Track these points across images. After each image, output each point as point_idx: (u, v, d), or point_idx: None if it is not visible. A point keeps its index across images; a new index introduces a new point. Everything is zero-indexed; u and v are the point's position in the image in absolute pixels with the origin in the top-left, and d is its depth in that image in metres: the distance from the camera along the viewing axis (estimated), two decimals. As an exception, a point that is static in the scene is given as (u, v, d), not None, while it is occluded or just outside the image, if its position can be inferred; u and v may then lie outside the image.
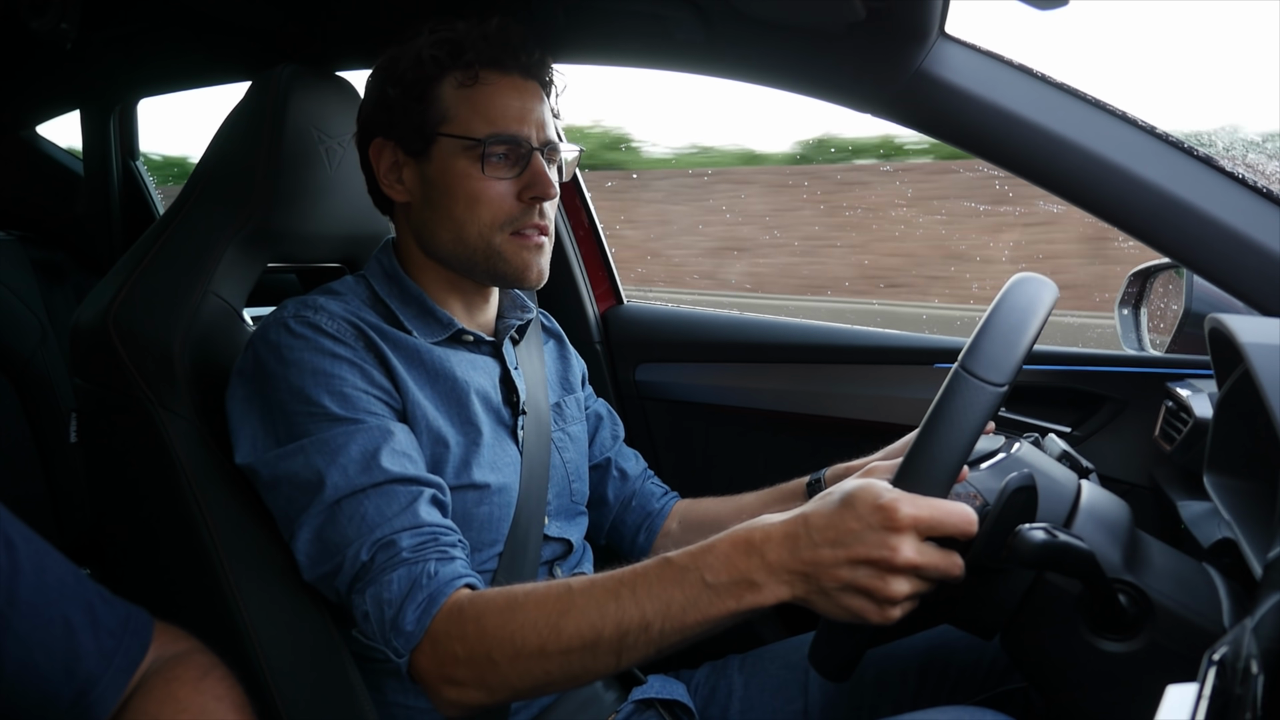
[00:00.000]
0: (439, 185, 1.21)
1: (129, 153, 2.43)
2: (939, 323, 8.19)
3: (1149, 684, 0.73)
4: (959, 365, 0.93)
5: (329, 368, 1.11)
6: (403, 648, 1.00)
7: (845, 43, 1.28)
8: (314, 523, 1.07)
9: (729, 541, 0.92)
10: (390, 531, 1.04)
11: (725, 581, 0.91)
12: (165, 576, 1.26)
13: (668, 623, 0.92)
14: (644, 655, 0.95)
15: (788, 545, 0.90)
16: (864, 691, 1.36)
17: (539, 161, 1.21)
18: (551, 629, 0.95)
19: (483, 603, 0.99)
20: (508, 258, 1.22)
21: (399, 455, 1.10)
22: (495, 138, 1.19)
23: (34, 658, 0.79)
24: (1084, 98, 1.23)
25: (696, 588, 0.91)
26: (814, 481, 1.40)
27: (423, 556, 1.03)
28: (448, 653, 0.99)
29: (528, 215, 1.21)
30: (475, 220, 1.20)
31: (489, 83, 1.21)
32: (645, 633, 0.93)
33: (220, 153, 1.34)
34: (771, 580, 0.90)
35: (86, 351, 1.24)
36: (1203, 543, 1.14)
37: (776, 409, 1.85)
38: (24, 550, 0.81)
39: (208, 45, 1.90)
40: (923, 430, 0.93)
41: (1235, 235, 1.14)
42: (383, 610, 1.02)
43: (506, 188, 1.20)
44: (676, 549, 1.47)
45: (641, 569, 0.95)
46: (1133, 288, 1.83)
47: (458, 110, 1.20)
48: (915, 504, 0.86)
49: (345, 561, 1.05)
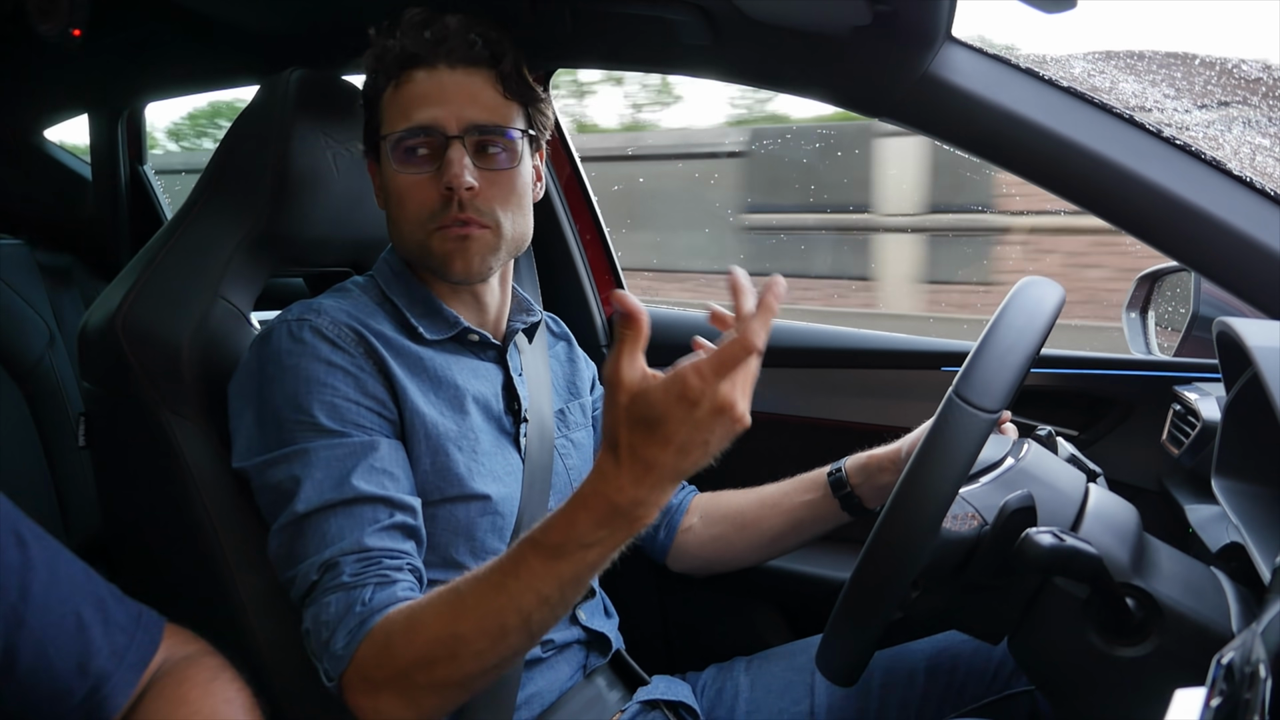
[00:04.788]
0: (385, 190, 1.24)
1: (137, 157, 2.44)
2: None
3: (1157, 688, 0.73)
4: (952, 392, 0.93)
5: (324, 376, 1.12)
6: (332, 671, 1.01)
7: (851, 46, 1.28)
8: (285, 532, 1.08)
9: (574, 507, 0.90)
10: (338, 553, 1.05)
11: (602, 535, 0.90)
12: (172, 580, 1.26)
13: (566, 589, 0.93)
14: (556, 620, 0.97)
15: (615, 469, 0.87)
16: (870, 693, 1.36)
17: (454, 149, 1.18)
18: (453, 637, 0.96)
19: (388, 624, 1.00)
20: (434, 252, 1.20)
21: (376, 473, 1.10)
22: (406, 132, 1.18)
23: (47, 653, 0.80)
24: (1091, 101, 1.23)
25: (577, 552, 0.91)
26: (834, 472, 1.41)
27: (362, 581, 1.03)
28: (367, 678, 1.00)
29: (445, 209, 1.18)
30: (404, 219, 1.21)
31: (413, 81, 1.20)
32: (546, 605, 0.94)
33: (228, 157, 1.34)
34: (629, 499, 0.87)
35: (94, 355, 1.25)
36: (1211, 547, 1.14)
37: (784, 412, 1.85)
38: (36, 548, 0.81)
39: (215, 49, 1.91)
40: (916, 457, 0.93)
41: (1243, 238, 1.14)
42: (320, 631, 1.03)
43: (427, 182, 1.19)
44: (700, 546, 1.46)
45: (518, 554, 0.93)
46: (1140, 291, 1.83)
47: (388, 113, 1.22)
48: (692, 366, 0.82)
49: (298, 576, 1.06)
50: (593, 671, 1.33)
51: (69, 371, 2.23)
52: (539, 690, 1.25)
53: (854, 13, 1.21)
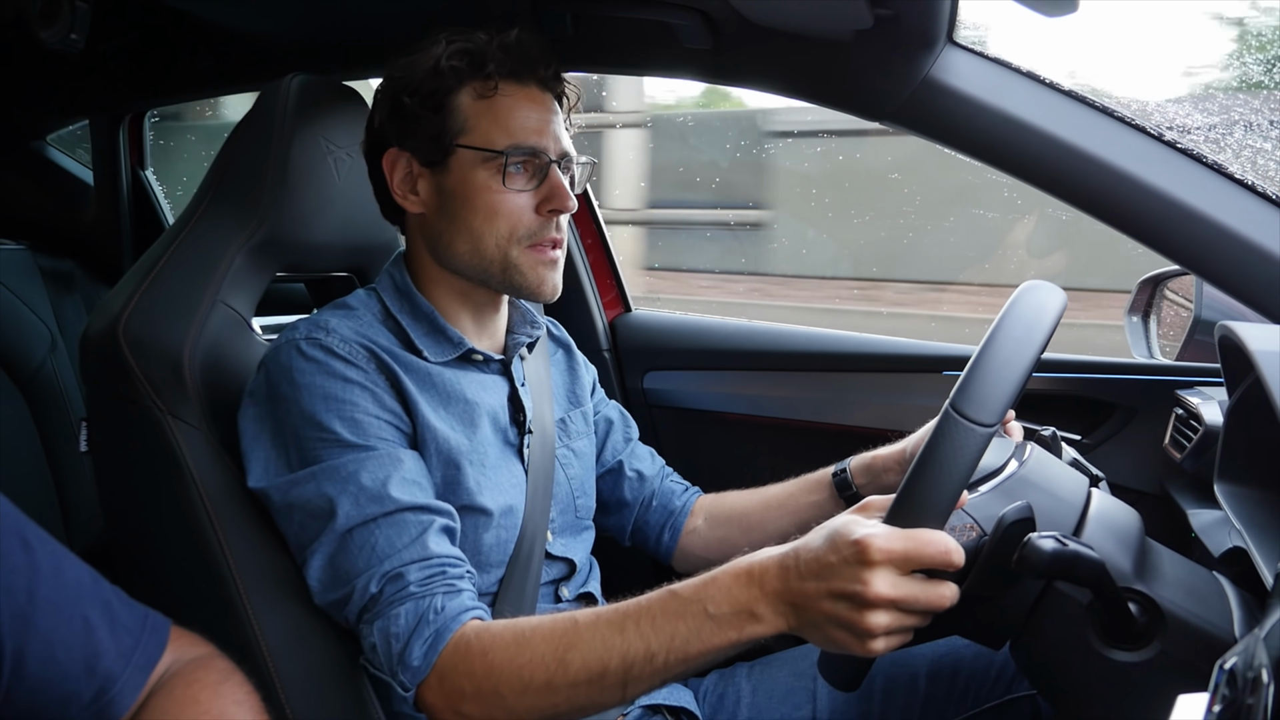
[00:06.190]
0: (456, 197, 1.20)
1: (138, 162, 2.44)
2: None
3: (1159, 693, 0.73)
4: (949, 405, 0.93)
5: (340, 392, 1.11)
6: (409, 682, 1.01)
7: (853, 50, 1.28)
8: (326, 550, 1.08)
9: (730, 573, 0.94)
10: (399, 564, 1.05)
11: (727, 612, 0.92)
12: (175, 585, 1.26)
13: (672, 654, 0.93)
14: (649, 686, 0.97)
15: (782, 576, 0.91)
16: (872, 699, 1.36)
17: (556, 174, 1.20)
18: (559, 663, 0.96)
19: (489, 637, 1.00)
20: (524, 271, 1.21)
21: (409, 483, 1.10)
22: (515, 149, 1.18)
23: (55, 655, 0.80)
24: (1093, 104, 1.23)
25: (699, 619, 0.93)
26: (839, 472, 1.41)
27: (430, 590, 1.04)
28: (455, 688, 1.00)
29: (545, 229, 1.20)
30: (493, 233, 1.19)
31: (508, 94, 1.20)
32: (650, 664, 0.94)
33: (229, 162, 1.34)
34: (770, 611, 0.91)
35: (96, 360, 1.25)
36: (1213, 551, 1.14)
37: (785, 416, 1.84)
38: (41, 551, 0.81)
39: (216, 55, 1.91)
40: (912, 472, 0.93)
41: (1245, 242, 1.14)
42: (390, 644, 1.02)
43: (525, 200, 1.19)
44: (705, 547, 1.46)
45: (646, 601, 0.96)
46: (1142, 295, 1.83)
47: (477, 121, 1.19)
48: (889, 538, 0.86)
49: (354, 592, 1.06)
50: (595, 675, 1.32)
51: (71, 376, 2.23)
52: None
53: (855, 16, 1.21)
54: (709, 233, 6.05)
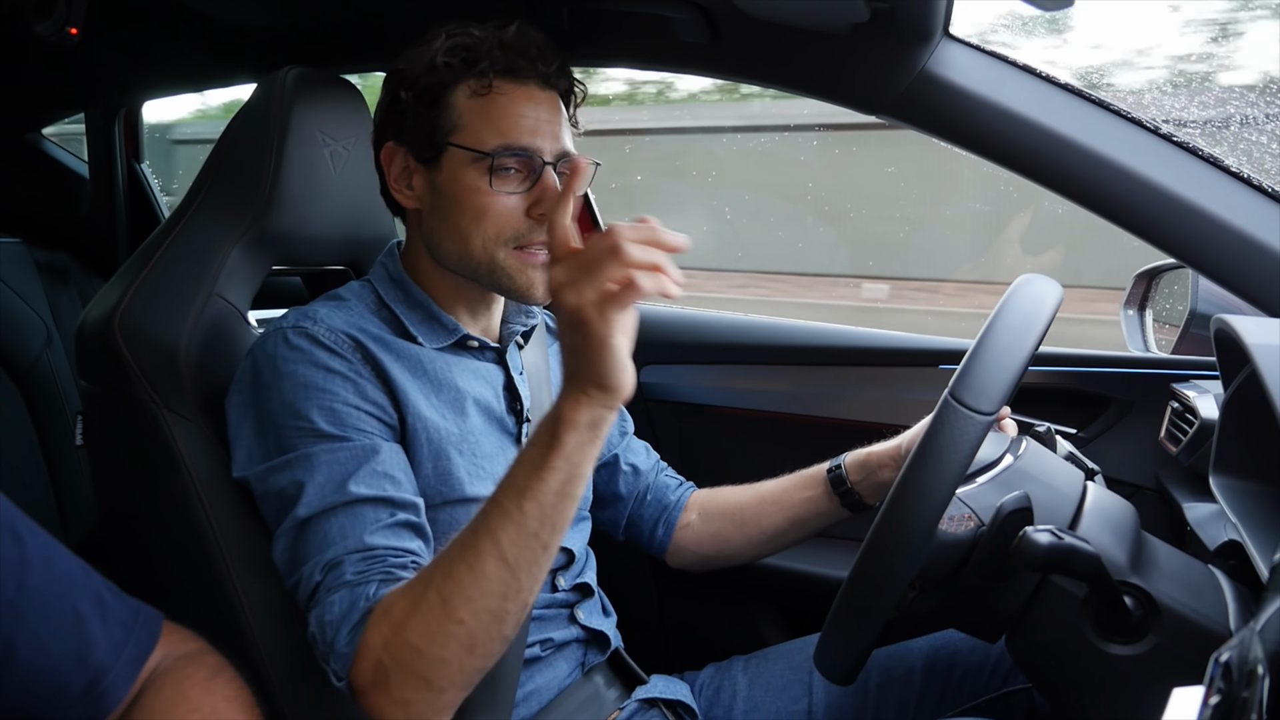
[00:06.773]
0: (447, 195, 1.19)
1: (134, 155, 2.44)
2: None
3: (1154, 687, 0.73)
4: (948, 393, 0.93)
5: (321, 382, 1.11)
6: (340, 670, 0.99)
7: (849, 43, 1.28)
8: (288, 537, 1.07)
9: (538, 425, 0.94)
10: (341, 553, 1.03)
11: (543, 432, 0.92)
12: (170, 578, 1.26)
13: (523, 500, 0.92)
14: (530, 554, 0.94)
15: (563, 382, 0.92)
16: (868, 692, 1.36)
17: (550, 176, 1.17)
18: (444, 576, 0.95)
19: (391, 597, 0.99)
20: (512, 274, 1.19)
21: (378, 476, 1.09)
22: (506, 150, 1.16)
23: (46, 646, 0.80)
24: (1088, 98, 1.23)
25: (525, 455, 0.93)
26: (834, 468, 1.41)
27: (365, 579, 1.01)
28: (375, 659, 0.97)
29: (534, 231, 1.17)
30: (480, 234, 1.17)
31: (503, 92, 1.17)
32: (508, 520, 0.93)
33: (225, 155, 1.34)
34: (567, 395, 0.92)
35: (92, 354, 1.25)
36: (1209, 545, 1.14)
37: (781, 410, 1.84)
38: (31, 543, 0.81)
39: (212, 48, 1.90)
40: (912, 459, 0.93)
41: (1241, 236, 1.14)
42: (324, 631, 1.01)
43: (515, 202, 1.17)
44: (699, 542, 1.46)
45: (490, 497, 0.96)
46: (1138, 288, 1.83)
47: (469, 120, 1.17)
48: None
49: (302, 579, 1.05)
50: (591, 670, 1.32)
51: (66, 370, 2.23)
52: (537, 688, 1.25)
53: (851, 10, 1.21)
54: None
